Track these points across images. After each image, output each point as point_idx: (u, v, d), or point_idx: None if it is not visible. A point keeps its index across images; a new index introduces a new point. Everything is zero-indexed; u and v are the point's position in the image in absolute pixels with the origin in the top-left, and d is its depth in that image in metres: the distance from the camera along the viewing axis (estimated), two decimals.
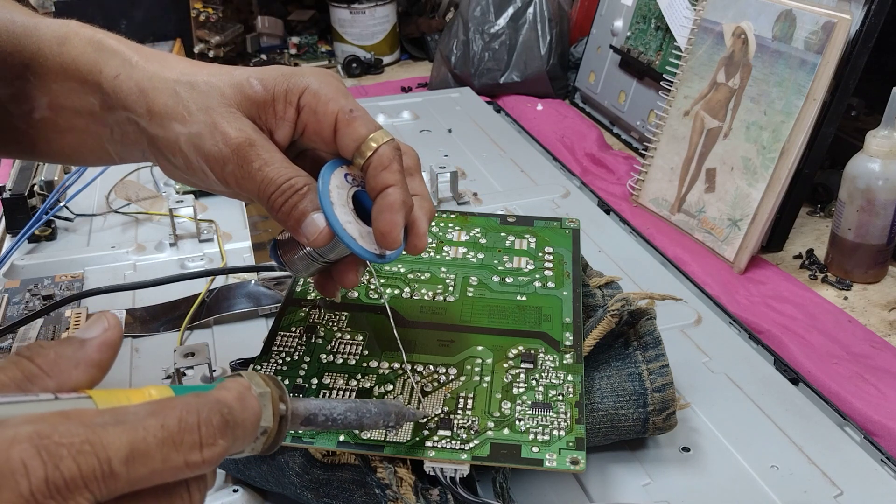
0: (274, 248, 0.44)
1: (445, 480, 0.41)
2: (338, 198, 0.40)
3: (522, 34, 1.16)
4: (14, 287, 0.65)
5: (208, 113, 0.40)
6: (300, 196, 0.39)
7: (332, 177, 0.40)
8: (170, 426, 0.26)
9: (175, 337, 0.59)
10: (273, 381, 0.31)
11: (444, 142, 0.94)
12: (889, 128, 0.68)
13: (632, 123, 1.01)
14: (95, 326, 0.29)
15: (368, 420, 0.36)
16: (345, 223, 0.39)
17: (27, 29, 0.43)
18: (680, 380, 0.51)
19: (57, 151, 0.46)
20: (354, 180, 0.41)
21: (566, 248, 0.56)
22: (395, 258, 0.42)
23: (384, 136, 0.40)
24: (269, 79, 0.41)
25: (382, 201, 0.39)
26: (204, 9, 1.34)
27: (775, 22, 0.74)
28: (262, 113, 0.41)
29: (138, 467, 0.25)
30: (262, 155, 0.40)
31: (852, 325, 0.66)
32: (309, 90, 0.41)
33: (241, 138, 0.39)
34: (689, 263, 0.74)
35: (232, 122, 0.40)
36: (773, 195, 0.72)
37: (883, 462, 0.48)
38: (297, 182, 0.40)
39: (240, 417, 0.28)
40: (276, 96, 0.41)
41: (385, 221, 0.39)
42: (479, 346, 0.47)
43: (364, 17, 1.35)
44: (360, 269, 0.43)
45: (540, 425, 0.42)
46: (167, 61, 0.42)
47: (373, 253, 0.40)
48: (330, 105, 0.40)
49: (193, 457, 0.26)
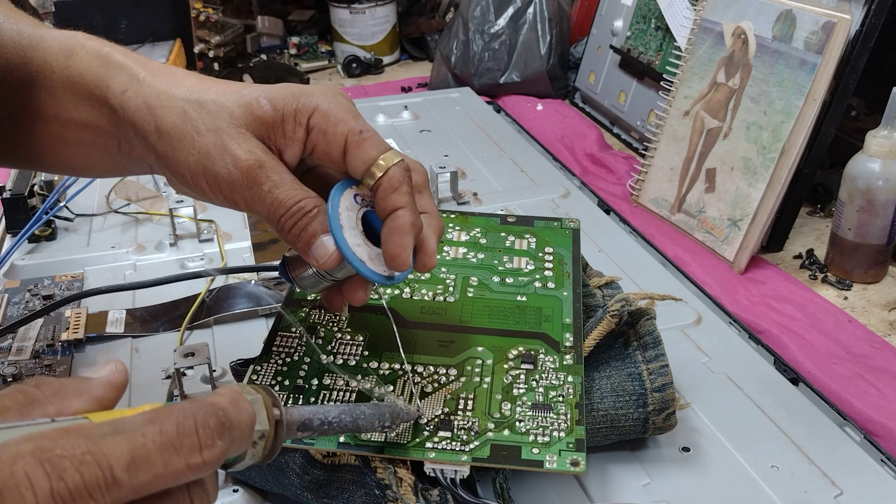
0: (283, 265, 0.44)
1: (445, 481, 0.41)
2: (347, 220, 0.40)
3: (522, 34, 1.16)
4: (14, 287, 0.65)
5: (217, 134, 0.40)
6: (310, 218, 0.40)
7: (341, 199, 0.40)
8: (168, 431, 0.26)
9: (175, 337, 0.59)
10: (264, 389, 0.32)
11: (444, 142, 0.94)
12: (889, 128, 0.68)
13: (632, 123, 1.01)
14: (104, 368, 0.30)
15: (364, 421, 0.36)
16: (354, 246, 0.40)
17: (34, 41, 0.43)
18: (680, 380, 0.51)
19: (63, 163, 0.45)
20: (364, 201, 0.41)
21: (566, 249, 0.56)
22: (403, 279, 0.42)
23: (394, 158, 0.40)
24: (279, 98, 0.41)
25: (392, 224, 0.40)
26: (204, 9, 1.34)
27: (775, 22, 0.74)
28: (271, 133, 0.41)
29: (140, 473, 0.25)
30: (272, 177, 0.39)
31: (852, 325, 0.66)
32: (319, 110, 0.41)
33: (251, 160, 0.39)
34: (689, 263, 0.74)
35: (241, 143, 0.40)
36: (773, 195, 0.72)
37: (883, 462, 0.48)
38: (307, 204, 0.40)
39: (235, 419, 0.28)
40: (285, 116, 0.41)
41: (394, 244, 0.40)
42: (479, 347, 0.47)
43: (364, 17, 1.35)
44: (369, 287, 0.43)
45: (540, 426, 0.42)
46: (175, 77, 0.42)
47: (382, 275, 0.41)
48: (340, 126, 0.40)
49: (194, 459, 0.26)
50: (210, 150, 0.39)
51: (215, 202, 0.42)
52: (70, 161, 0.45)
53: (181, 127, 0.40)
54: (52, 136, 0.44)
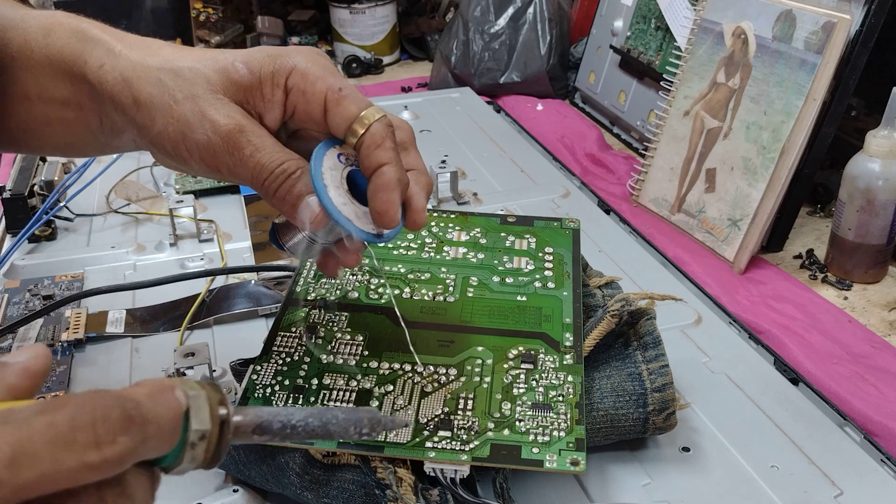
0: (273, 232, 0.43)
1: (445, 481, 0.41)
2: (331, 179, 0.39)
3: (522, 34, 1.16)
4: (14, 287, 0.65)
5: (195, 101, 0.39)
6: (294, 180, 0.39)
7: (324, 158, 0.39)
8: (59, 424, 0.23)
9: (175, 337, 0.59)
10: (211, 385, 0.28)
11: (444, 142, 0.94)
12: (889, 128, 0.68)
13: (632, 123, 1.01)
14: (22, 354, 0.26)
15: (336, 427, 0.32)
16: (339, 205, 0.39)
17: (14, 21, 0.42)
18: (680, 380, 0.51)
19: (47, 144, 0.45)
20: (348, 160, 0.40)
21: (566, 248, 0.56)
22: (393, 237, 0.41)
23: (376, 113, 0.39)
24: (255, 61, 0.40)
25: (377, 180, 0.39)
26: (204, 9, 1.34)
27: (775, 22, 0.74)
28: (249, 97, 0.40)
29: (24, 471, 0.22)
30: (253, 141, 0.39)
31: (852, 325, 0.66)
32: (296, 70, 0.40)
33: (231, 125, 0.39)
34: (689, 263, 0.74)
35: (220, 108, 0.39)
36: (773, 195, 0.72)
37: (883, 462, 0.48)
38: (290, 166, 0.39)
39: (150, 413, 0.25)
40: (262, 79, 0.40)
41: (381, 201, 0.39)
42: (479, 347, 0.47)
43: (364, 17, 1.35)
44: (362, 249, 0.42)
45: (540, 426, 0.42)
46: (150, 48, 0.41)
47: (370, 233, 0.40)
48: (318, 84, 0.39)
49: (90, 457, 0.23)
50: (189, 117, 0.39)
51: (199, 172, 0.41)
52: (54, 141, 0.44)
53: (158, 97, 0.39)
54: (35, 116, 0.43)
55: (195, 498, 0.45)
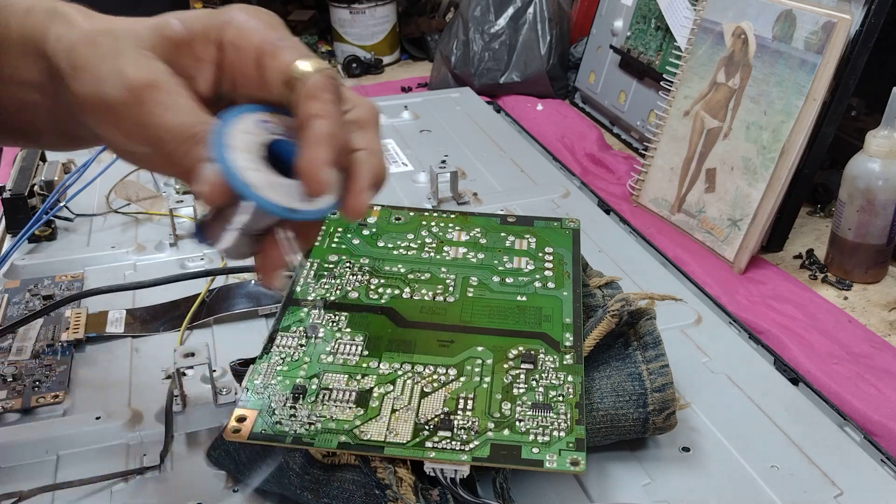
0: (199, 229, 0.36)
1: (445, 481, 0.41)
2: (241, 142, 0.32)
3: (522, 34, 1.16)
4: (14, 287, 0.65)
5: (116, 57, 0.34)
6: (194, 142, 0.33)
7: (239, 119, 0.33)
8: None
9: (175, 337, 0.59)
10: None
11: (444, 142, 0.94)
12: (889, 128, 0.68)
13: (632, 123, 1.01)
14: None
15: None
16: (244, 169, 0.32)
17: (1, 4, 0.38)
18: (680, 380, 0.51)
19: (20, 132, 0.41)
20: (276, 129, 0.34)
21: (566, 249, 0.56)
22: (317, 216, 0.34)
23: (317, 64, 0.34)
24: (192, 17, 0.35)
25: (305, 135, 0.33)
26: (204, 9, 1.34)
27: (775, 22, 0.74)
28: (180, 56, 0.35)
29: None
30: (162, 99, 0.33)
31: (852, 325, 0.66)
32: (232, 24, 0.35)
33: (140, 78, 0.33)
34: (689, 263, 0.74)
35: (136, 62, 0.33)
36: (773, 195, 0.72)
37: (883, 462, 0.48)
38: (202, 130, 0.33)
39: None
40: (195, 34, 0.35)
41: (304, 159, 0.32)
42: (479, 347, 0.47)
43: (364, 17, 1.35)
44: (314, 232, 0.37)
45: (540, 426, 0.42)
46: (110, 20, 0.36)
47: (283, 206, 0.32)
48: (253, 36, 0.34)
49: None
50: (107, 76, 0.33)
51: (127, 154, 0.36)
52: (25, 127, 0.40)
53: (91, 59, 0.34)
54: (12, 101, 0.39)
55: (195, 498, 0.45)
